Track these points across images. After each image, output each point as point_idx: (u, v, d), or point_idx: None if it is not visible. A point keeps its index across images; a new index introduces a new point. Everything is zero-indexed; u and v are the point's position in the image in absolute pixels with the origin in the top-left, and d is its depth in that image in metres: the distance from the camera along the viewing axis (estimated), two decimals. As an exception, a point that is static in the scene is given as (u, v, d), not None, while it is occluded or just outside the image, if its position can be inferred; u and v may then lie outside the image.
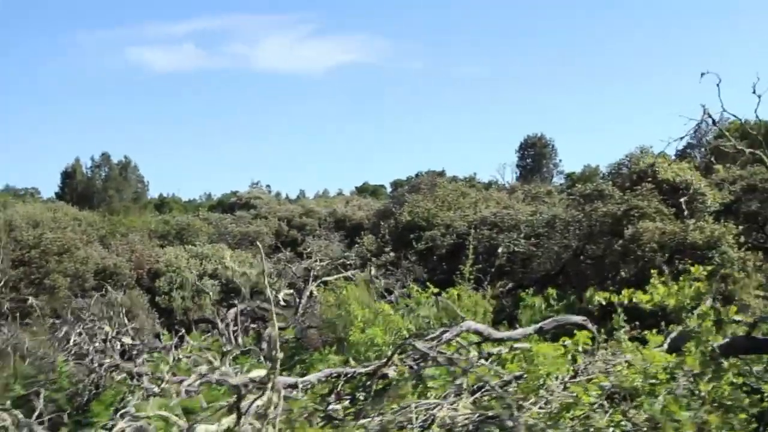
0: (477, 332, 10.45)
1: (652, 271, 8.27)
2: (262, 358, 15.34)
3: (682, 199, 20.86)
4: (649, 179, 21.97)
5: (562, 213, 19.41)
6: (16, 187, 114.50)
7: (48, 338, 13.63)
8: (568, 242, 18.48)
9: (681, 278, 8.04)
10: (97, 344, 12.45)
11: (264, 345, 16.07)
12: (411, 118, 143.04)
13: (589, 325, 11.96)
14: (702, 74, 12.47)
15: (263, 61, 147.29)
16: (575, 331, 10.92)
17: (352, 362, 12.62)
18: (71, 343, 12.42)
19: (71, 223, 26.88)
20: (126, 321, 14.36)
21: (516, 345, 9.27)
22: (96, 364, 11.53)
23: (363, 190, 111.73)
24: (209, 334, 18.51)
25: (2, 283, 18.03)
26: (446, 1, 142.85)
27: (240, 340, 18.61)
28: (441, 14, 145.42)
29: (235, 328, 18.36)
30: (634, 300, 7.99)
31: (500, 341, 10.97)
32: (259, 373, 9.31)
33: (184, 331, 18.75)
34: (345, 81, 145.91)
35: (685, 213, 19.59)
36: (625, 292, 8.09)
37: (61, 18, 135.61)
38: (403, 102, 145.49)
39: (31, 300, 12.61)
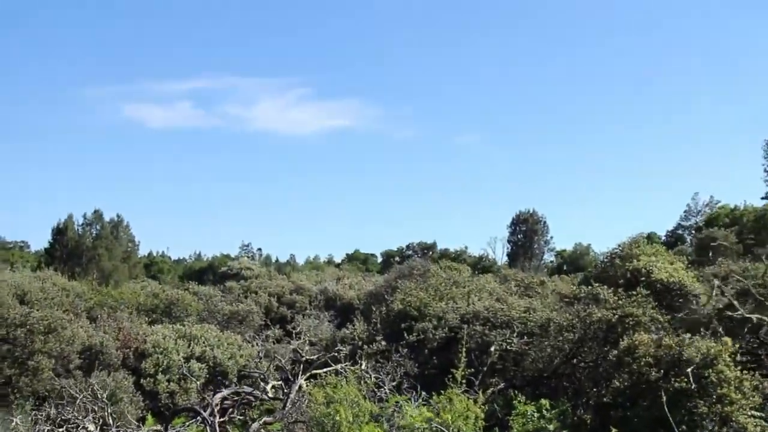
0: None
1: None
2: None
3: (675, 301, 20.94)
4: (643, 278, 21.99)
5: (556, 316, 19.27)
6: (5, 240, 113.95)
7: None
8: (562, 345, 18.30)
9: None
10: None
11: (250, 442, 15.77)
12: (403, 186, 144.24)
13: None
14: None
15: (257, 122, 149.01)
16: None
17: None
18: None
19: (59, 293, 26.58)
20: (111, 420, 14.10)
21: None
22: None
23: (354, 258, 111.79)
24: (194, 420, 18.19)
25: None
26: (440, 69, 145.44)
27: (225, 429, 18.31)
28: (435, 83, 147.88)
29: (222, 418, 18.02)
30: None
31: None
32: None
33: (169, 416, 18.59)
34: (337, 145, 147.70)
35: (679, 317, 19.56)
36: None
37: (59, 72, 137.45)
38: (395, 169, 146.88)
39: (14, 422, 12.25)
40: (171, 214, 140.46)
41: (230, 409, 19.93)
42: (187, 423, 18.66)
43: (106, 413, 14.37)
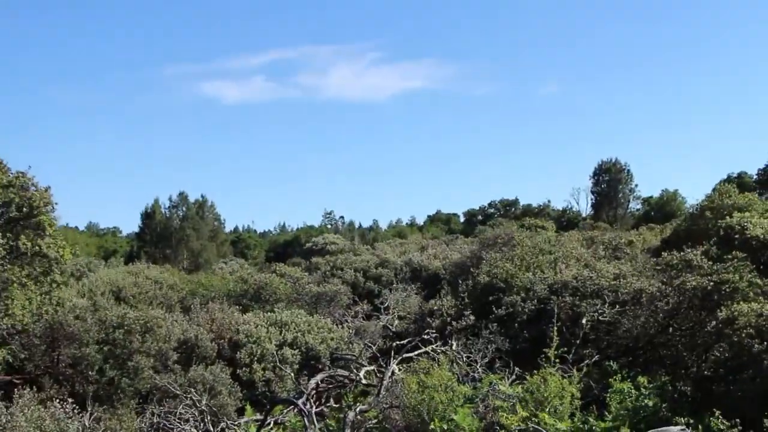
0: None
1: None
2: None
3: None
4: (737, 235, 21.24)
5: (648, 286, 18.77)
6: (98, 226, 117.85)
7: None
8: (656, 314, 17.85)
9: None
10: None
11: (347, 431, 15.92)
12: (482, 144, 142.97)
13: (687, 434, 11.52)
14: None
15: (332, 90, 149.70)
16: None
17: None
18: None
19: (152, 287, 27.34)
20: (211, 427, 14.43)
21: None
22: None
23: (436, 219, 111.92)
24: (291, 408, 18.48)
25: (89, 365, 18.34)
26: (513, 20, 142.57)
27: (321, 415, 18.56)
28: (510, 34, 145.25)
29: (318, 407, 18.26)
30: None
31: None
32: None
33: (267, 406, 18.92)
34: (413, 107, 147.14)
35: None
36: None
37: (137, 54, 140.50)
38: (473, 127, 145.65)
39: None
40: (253, 187, 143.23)
41: (325, 393, 20.21)
42: (285, 410, 19.00)
43: (206, 419, 14.73)
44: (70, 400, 13.74)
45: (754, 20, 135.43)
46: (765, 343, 13.26)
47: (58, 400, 14.11)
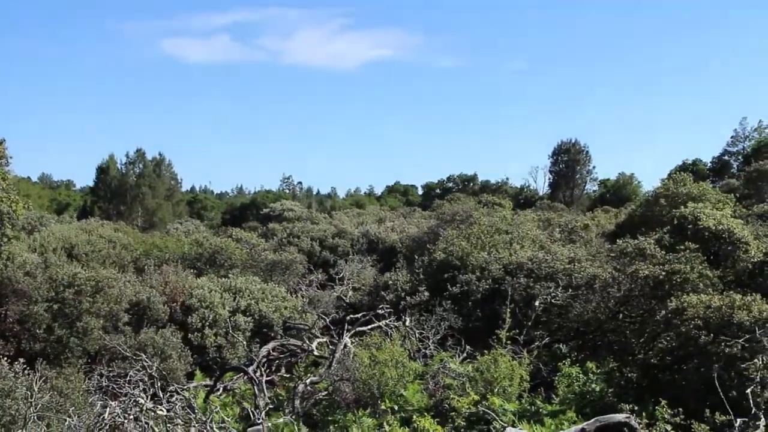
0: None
1: None
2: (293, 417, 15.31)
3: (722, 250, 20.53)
4: (690, 225, 21.60)
5: (601, 273, 19.02)
6: (51, 177, 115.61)
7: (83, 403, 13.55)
8: (607, 300, 18.12)
9: None
10: (132, 417, 12.50)
11: (297, 402, 15.98)
12: (444, 117, 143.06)
13: (633, 422, 11.73)
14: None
15: (297, 55, 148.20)
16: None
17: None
18: (107, 415, 12.41)
19: (106, 246, 26.94)
20: (161, 393, 14.33)
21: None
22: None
23: (394, 190, 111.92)
24: (241, 374, 18.47)
25: (37, 323, 18.05)
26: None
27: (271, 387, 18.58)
28: (479, 10, 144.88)
29: (269, 376, 18.28)
30: None
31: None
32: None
33: (217, 372, 18.88)
34: (377, 77, 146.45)
35: (728, 268, 19.20)
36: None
37: (97, 9, 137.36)
38: (436, 100, 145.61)
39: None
40: (212, 148, 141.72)
41: (276, 362, 20.20)
42: (235, 377, 18.99)
43: (156, 386, 14.61)
44: (21, 360, 13.45)
45: (717, 10, 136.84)
46: (711, 334, 13.48)
47: (6, 358, 13.84)
